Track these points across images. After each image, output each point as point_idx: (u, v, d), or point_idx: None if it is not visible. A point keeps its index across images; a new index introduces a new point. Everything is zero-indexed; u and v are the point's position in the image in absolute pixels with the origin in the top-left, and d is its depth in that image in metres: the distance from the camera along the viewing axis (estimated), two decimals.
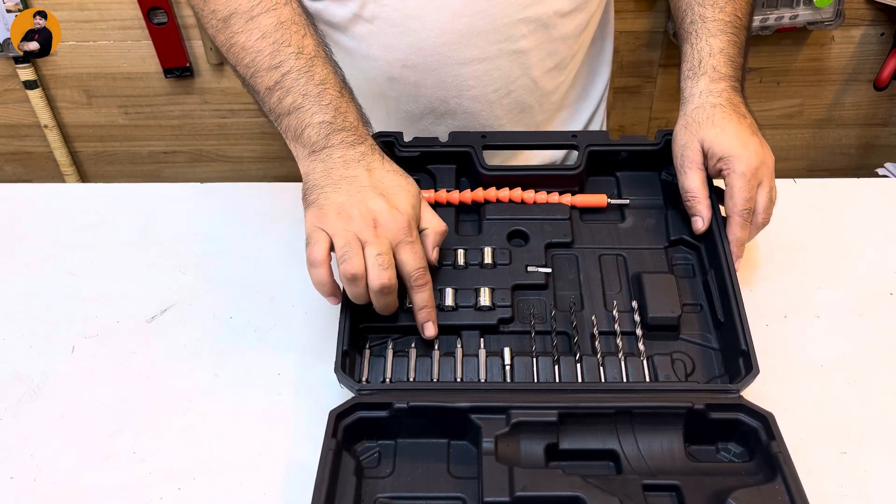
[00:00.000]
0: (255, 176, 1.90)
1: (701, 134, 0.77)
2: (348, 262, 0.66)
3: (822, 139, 1.86)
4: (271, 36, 0.73)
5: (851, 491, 0.66)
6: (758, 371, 0.66)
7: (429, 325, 0.72)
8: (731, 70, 0.80)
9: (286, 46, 0.73)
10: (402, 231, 0.68)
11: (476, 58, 0.86)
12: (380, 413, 0.66)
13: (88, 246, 0.89)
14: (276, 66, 0.72)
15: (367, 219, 0.68)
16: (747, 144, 0.76)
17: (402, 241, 0.68)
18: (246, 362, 0.77)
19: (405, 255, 0.69)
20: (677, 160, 0.79)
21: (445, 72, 0.87)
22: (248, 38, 0.73)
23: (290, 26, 0.74)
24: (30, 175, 1.93)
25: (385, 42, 0.85)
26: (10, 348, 0.79)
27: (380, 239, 0.67)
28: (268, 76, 0.73)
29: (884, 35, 1.68)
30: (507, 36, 0.85)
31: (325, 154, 0.71)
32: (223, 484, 0.68)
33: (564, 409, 0.65)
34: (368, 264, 0.67)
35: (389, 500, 0.63)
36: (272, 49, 0.73)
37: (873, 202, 0.93)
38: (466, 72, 0.87)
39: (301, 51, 0.73)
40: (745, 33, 0.83)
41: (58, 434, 0.72)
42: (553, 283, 0.77)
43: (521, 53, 0.87)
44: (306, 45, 0.74)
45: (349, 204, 0.68)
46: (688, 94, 0.80)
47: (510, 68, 0.88)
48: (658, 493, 0.62)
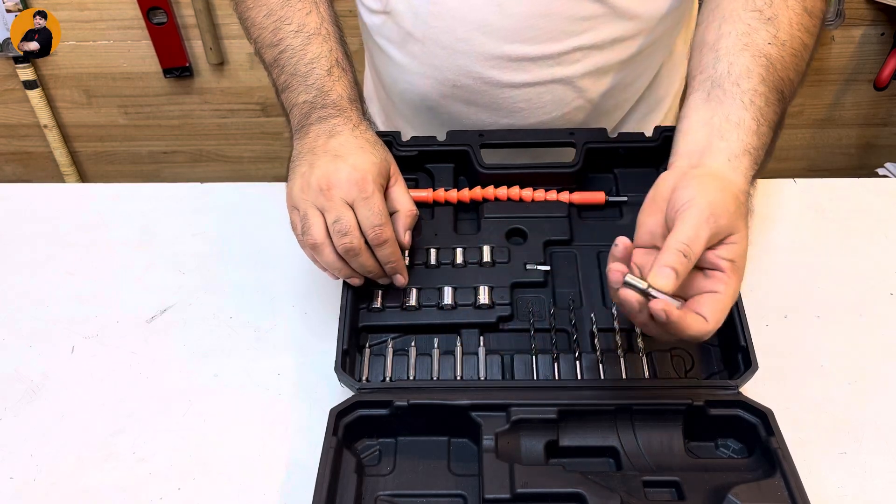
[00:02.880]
0: (255, 176, 1.90)
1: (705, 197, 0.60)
2: (306, 233, 0.68)
3: (822, 139, 1.86)
4: (276, 13, 0.75)
5: (851, 491, 0.66)
6: (757, 367, 0.66)
7: (397, 276, 0.73)
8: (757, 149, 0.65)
9: (287, 24, 0.74)
10: (355, 187, 0.68)
11: (527, 82, 0.84)
12: (380, 411, 0.66)
13: (88, 246, 0.89)
14: (275, 44, 0.75)
15: (323, 182, 0.68)
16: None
17: (356, 199, 0.68)
18: (246, 362, 0.77)
19: (360, 211, 0.68)
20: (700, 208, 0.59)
21: (496, 94, 0.86)
22: (257, 14, 0.76)
23: (296, 3, 0.76)
24: (30, 175, 1.93)
25: (435, 63, 0.85)
26: (10, 348, 0.79)
27: (334, 202, 0.67)
28: (269, 52, 0.75)
29: (884, 35, 1.68)
30: (560, 62, 0.83)
31: (303, 132, 0.72)
32: (223, 484, 0.68)
33: (564, 407, 0.65)
34: (330, 231, 0.68)
35: (390, 497, 0.64)
36: (274, 26, 0.75)
37: (873, 202, 0.93)
38: (517, 94, 0.86)
39: (300, 29, 0.74)
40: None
41: (58, 434, 0.72)
42: (552, 281, 0.77)
43: (575, 78, 0.85)
44: (308, 22, 0.75)
45: (308, 173, 0.69)
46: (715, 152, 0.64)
47: (563, 91, 0.86)
48: (658, 489, 0.62)
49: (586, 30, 0.81)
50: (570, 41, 0.82)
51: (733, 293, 0.59)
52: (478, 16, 0.80)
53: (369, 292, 0.75)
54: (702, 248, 0.58)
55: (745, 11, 0.68)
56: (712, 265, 0.59)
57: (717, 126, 0.65)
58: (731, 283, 0.59)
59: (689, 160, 0.64)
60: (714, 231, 0.58)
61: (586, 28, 0.81)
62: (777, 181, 0.94)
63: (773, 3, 0.68)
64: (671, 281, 0.56)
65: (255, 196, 0.95)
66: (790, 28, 0.68)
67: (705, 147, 0.64)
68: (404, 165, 0.84)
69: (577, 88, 0.86)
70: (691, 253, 0.57)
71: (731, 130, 0.64)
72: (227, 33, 1.64)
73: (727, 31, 0.68)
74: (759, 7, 0.68)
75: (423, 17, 0.82)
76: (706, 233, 0.58)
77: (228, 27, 1.63)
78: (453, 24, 0.81)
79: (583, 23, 0.80)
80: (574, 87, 0.86)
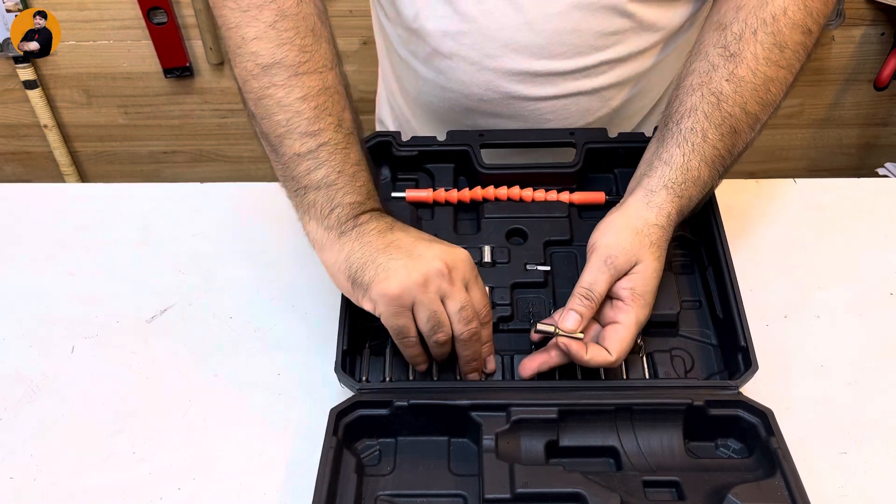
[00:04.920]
0: (255, 176, 1.90)
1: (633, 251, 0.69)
2: (439, 332, 0.65)
3: (822, 139, 1.86)
4: (314, 99, 0.67)
5: (851, 491, 0.66)
6: (757, 367, 0.66)
7: (490, 359, 0.71)
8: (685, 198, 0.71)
9: (328, 115, 0.68)
10: (468, 266, 0.67)
11: (554, 95, 0.85)
12: (380, 411, 0.66)
13: (88, 246, 0.89)
14: (314, 134, 0.67)
15: (440, 267, 0.65)
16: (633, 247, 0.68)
17: (470, 280, 0.67)
18: (246, 362, 0.77)
19: (473, 292, 0.67)
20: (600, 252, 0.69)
21: (522, 106, 0.86)
22: (289, 94, 0.67)
23: (334, 94, 0.69)
24: (30, 175, 1.93)
25: (463, 78, 0.85)
26: (10, 348, 0.79)
27: (456, 287, 0.65)
28: (301, 142, 0.67)
29: (884, 35, 1.68)
30: (587, 75, 0.84)
31: (356, 232, 0.67)
32: (223, 484, 0.68)
33: (564, 407, 0.65)
34: (453, 321, 0.66)
35: (390, 497, 0.64)
36: (313, 114, 0.67)
37: (873, 202, 0.93)
38: (544, 107, 0.86)
39: (341, 124, 0.68)
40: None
41: (58, 434, 0.72)
42: (552, 281, 0.77)
43: (601, 89, 0.86)
44: (345, 118, 0.69)
45: (412, 266, 0.64)
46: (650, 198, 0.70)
47: (589, 102, 0.87)
48: (658, 490, 0.62)
49: (613, 44, 0.81)
50: (597, 55, 0.82)
51: (635, 320, 0.67)
52: (507, 34, 0.79)
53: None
54: (604, 288, 0.67)
55: (713, 48, 0.72)
56: (615, 295, 0.69)
57: (649, 163, 0.72)
58: (630, 311, 0.67)
59: (621, 200, 0.72)
60: (613, 272, 0.67)
61: (613, 42, 0.81)
62: (777, 181, 0.94)
63: (742, 38, 0.70)
64: (576, 323, 0.67)
65: (255, 196, 0.95)
66: (755, 63, 0.70)
67: (634, 184, 0.72)
68: (404, 165, 0.84)
69: (602, 98, 0.87)
70: (593, 295, 0.67)
71: (658, 167, 0.71)
72: None
73: (693, 70, 0.72)
74: (726, 42, 0.71)
75: (452, 34, 0.81)
76: (605, 275, 0.67)
77: None
78: (482, 41, 0.81)
79: (610, 37, 0.81)
80: (599, 97, 0.87)
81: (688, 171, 0.70)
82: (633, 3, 0.78)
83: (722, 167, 0.72)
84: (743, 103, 0.70)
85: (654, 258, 0.68)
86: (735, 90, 0.70)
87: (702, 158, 0.70)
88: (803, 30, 0.71)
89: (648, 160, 0.73)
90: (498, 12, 0.78)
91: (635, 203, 0.70)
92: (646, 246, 0.68)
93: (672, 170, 0.70)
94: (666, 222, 0.69)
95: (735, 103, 0.70)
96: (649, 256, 0.68)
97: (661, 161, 0.71)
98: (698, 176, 0.70)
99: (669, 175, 0.70)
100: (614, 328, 0.67)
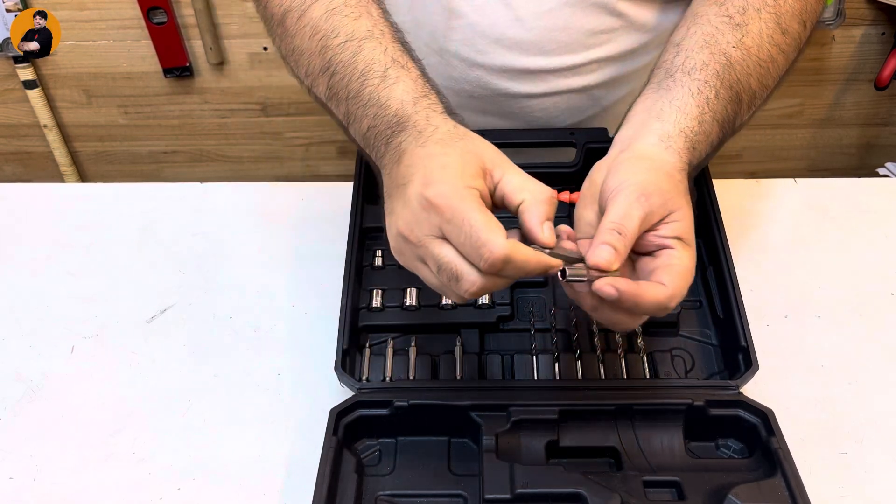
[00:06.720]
0: (255, 176, 1.90)
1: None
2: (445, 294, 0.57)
3: (822, 139, 1.86)
4: (320, 31, 0.62)
5: (851, 491, 0.66)
6: (757, 367, 0.66)
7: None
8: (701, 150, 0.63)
9: (333, 38, 0.61)
10: (434, 216, 0.52)
11: (544, 92, 0.84)
12: (380, 411, 0.66)
13: (88, 246, 0.89)
14: (325, 69, 0.62)
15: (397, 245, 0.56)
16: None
17: (442, 227, 0.52)
18: (246, 362, 0.77)
19: (454, 239, 0.52)
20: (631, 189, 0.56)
21: (512, 104, 0.86)
22: (302, 39, 0.63)
23: (343, 9, 0.63)
24: (30, 175, 1.93)
25: (453, 74, 0.85)
26: (10, 348, 0.79)
27: (422, 247, 0.54)
28: (322, 82, 0.62)
29: (884, 35, 1.68)
30: (577, 73, 0.83)
31: (385, 171, 0.59)
32: (223, 484, 0.68)
33: (565, 407, 0.65)
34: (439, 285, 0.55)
35: (390, 497, 0.63)
36: (320, 46, 0.62)
37: (873, 202, 0.93)
38: (534, 104, 0.86)
39: (349, 38, 0.61)
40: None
41: (58, 434, 0.72)
42: (552, 281, 0.77)
43: (591, 88, 0.86)
44: (357, 28, 0.61)
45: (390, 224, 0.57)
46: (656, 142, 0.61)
47: (579, 100, 0.87)
48: (658, 490, 0.62)
49: (604, 42, 0.81)
50: (587, 53, 0.82)
51: (689, 264, 0.55)
52: (497, 30, 0.80)
53: (369, 292, 0.75)
54: (636, 225, 0.54)
55: (715, 17, 0.67)
56: (659, 246, 0.56)
57: (656, 110, 0.62)
58: (683, 256, 0.55)
59: (621, 146, 0.62)
60: (647, 210, 0.54)
61: (604, 41, 0.81)
62: (777, 181, 0.94)
63: (746, 12, 0.66)
64: (611, 255, 0.52)
65: (255, 196, 0.95)
66: (760, 38, 0.65)
67: (638, 130, 0.61)
68: None
69: (593, 97, 0.87)
70: (626, 230, 0.53)
71: (670, 113, 0.61)
72: (227, 33, 1.64)
73: (693, 32, 0.66)
74: (730, 14, 0.66)
75: (443, 31, 0.81)
76: (638, 212, 0.54)
77: (228, 27, 1.63)
78: (473, 38, 0.81)
79: (600, 35, 0.81)
80: (590, 95, 0.86)
81: (702, 122, 0.61)
82: (623, 2, 0.78)
83: (725, 134, 0.65)
84: (748, 75, 0.64)
85: (690, 208, 0.57)
86: (743, 58, 0.64)
87: (714, 115, 0.62)
88: (800, 20, 0.68)
89: (651, 108, 0.63)
90: (488, 8, 0.78)
91: (652, 148, 0.59)
92: (682, 192, 0.57)
93: (687, 118, 0.61)
94: (688, 170, 0.60)
95: (742, 71, 0.64)
96: (686, 205, 0.57)
97: (674, 108, 0.61)
98: (710, 132, 0.62)
99: (686, 122, 0.61)
100: (669, 266, 0.54)
